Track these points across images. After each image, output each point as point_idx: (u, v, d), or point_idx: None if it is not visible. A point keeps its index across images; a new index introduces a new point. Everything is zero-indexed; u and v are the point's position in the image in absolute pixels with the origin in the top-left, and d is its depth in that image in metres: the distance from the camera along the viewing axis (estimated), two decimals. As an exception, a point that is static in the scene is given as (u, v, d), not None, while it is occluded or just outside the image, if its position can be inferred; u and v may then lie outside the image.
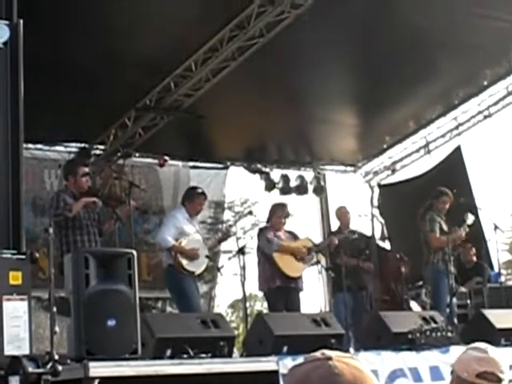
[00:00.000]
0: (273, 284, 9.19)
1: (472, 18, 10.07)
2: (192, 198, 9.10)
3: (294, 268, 9.29)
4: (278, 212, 9.58)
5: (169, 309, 11.88)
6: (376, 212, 9.96)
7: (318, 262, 9.50)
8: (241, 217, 13.07)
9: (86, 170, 8.26)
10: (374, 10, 9.61)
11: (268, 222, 9.64)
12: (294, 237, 9.62)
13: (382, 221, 10.04)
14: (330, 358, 1.56)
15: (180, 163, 12.68)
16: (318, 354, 1.59)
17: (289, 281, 9.23)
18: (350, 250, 9.87)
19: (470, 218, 9.85)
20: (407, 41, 10.31)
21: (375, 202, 9.96)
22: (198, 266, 8.76)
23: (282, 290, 9.18)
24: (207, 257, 8.83)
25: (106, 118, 10.91)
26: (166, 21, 9.14)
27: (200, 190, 9.33)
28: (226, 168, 13.23)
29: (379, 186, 13.71)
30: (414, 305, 10.49)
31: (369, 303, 9.65)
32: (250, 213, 12.39)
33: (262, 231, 9.55)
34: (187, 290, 8.62)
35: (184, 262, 8.62)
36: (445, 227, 9.82)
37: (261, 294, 12.08)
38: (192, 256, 8.66)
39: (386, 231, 10.11)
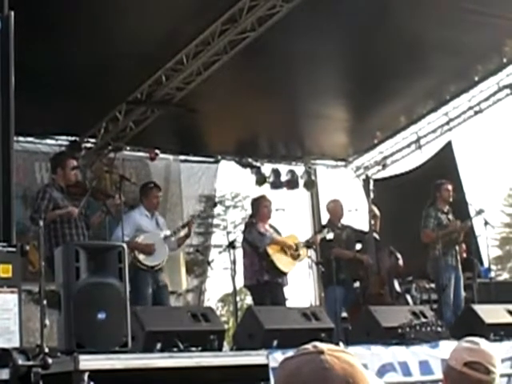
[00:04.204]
0: (261, 278, 9.16)
1: (463, 13, 10.07)
2: (146, 194, 9.20)
3: (287, 263, 9.28)
4: (264, 202, 9.55)
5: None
6: (372, 204, 9.89)
7: (308, 257, 9.49)
8: (205, 214, 12.89)
9: (75, 163, 8.26)
10: (366, 6, 9.60)
11: (254, 216, 9.59)
12: (278, 232, 9.59)
13: (378, 213, 9.95)
14: (321, 352, 1.55)
15: (171, 157, 12.65)
16: (309, 346, 1.58)
17: (277, 276, 9.21)
18: (344, 244, 9.85)
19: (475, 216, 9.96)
20: (399, 36, 10.31)
21: (371, 195, 9.87)
22: (156, 260, 8.84)
23: (269, 285, 9.15)
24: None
25: (97, 111, 10.87)
26: (158, 14, 9.11)
27: (151, 185, 9.44)
28: (217, 162, 13.20)
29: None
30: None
31: (362, 296, 9.63)
32: (215, 205, 12.47)
33: (251, 224, 9.47)
34: (139, 284, 8.64)
35: (141, 257, 8.76)
36: (446, 222, 9.85)
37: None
38: (147, 251, 8.76)
39: (378, 224, 10.03)
